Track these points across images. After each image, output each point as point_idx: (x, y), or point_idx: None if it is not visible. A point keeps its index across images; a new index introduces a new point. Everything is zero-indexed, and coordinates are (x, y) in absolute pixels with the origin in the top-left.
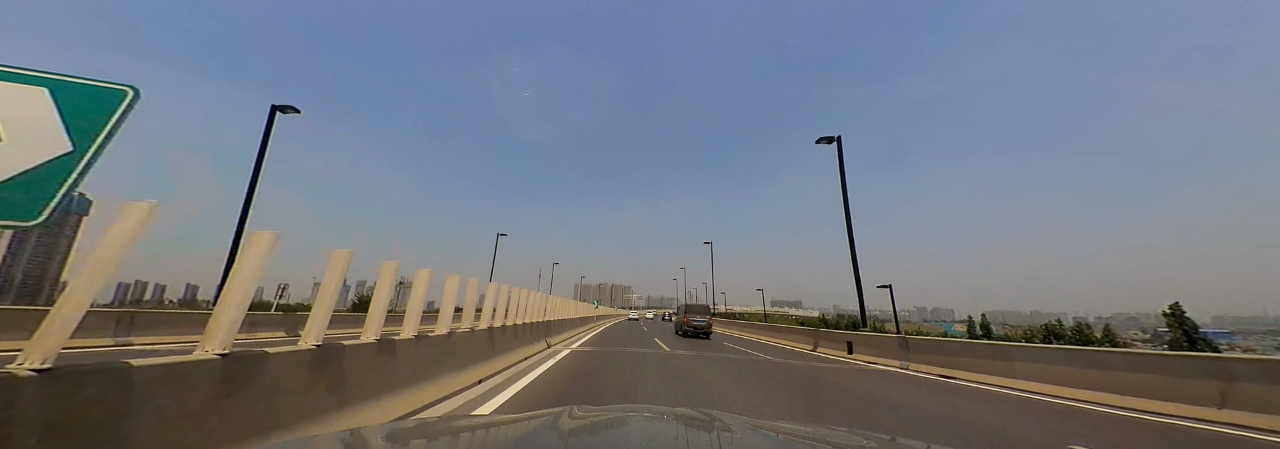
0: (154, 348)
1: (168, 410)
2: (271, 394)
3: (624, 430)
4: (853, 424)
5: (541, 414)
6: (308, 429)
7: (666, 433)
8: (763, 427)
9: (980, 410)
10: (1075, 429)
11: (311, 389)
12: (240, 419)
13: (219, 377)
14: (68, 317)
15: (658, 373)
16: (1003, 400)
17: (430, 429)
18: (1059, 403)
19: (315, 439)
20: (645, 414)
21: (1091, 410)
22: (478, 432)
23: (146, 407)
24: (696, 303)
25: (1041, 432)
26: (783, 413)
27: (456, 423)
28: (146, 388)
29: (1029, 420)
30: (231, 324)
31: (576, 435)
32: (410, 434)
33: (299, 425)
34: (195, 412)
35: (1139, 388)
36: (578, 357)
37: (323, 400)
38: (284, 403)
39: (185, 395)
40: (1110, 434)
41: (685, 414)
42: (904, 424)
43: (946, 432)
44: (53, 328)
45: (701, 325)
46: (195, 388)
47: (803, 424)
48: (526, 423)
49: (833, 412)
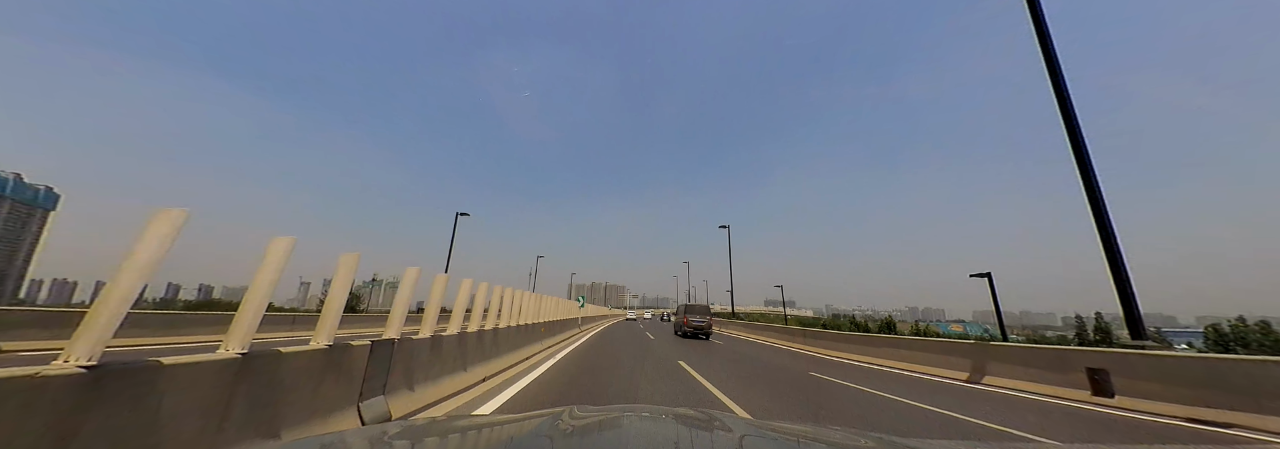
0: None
1: (194, 405)
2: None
3: (624, 430)
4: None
5: (542, 414)
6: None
7: (666, 433)
8: (763, 427)
9: (811, 365)
10: (846, 372)
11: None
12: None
13: (238, 373)
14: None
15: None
16: (834, 362)
17: (431, 429)
18: (869, 366)
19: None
20: (645, 414)
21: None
22: (479, 431)
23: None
24: (696, 303)
25: (823, 370)
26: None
27: (457, 423)
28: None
29: (829, 368)
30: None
31: (577, 435)
32: (411, 434)
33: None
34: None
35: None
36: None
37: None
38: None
39: (210, 391)
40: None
41: (685, 414)
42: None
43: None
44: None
45: (701, 326)
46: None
47: (802, 424)
48: (527, 423)
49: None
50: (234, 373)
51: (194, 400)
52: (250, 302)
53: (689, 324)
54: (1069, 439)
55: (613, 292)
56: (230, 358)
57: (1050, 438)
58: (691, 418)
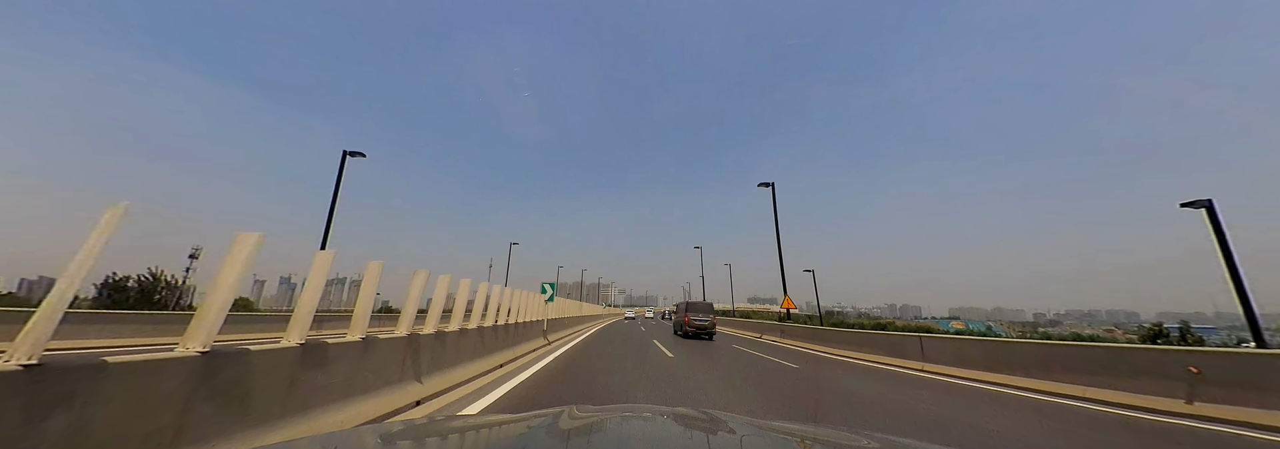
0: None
1: (145, 404)
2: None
3: (624, 430)
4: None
5: (541, 414)
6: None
7: (666, 433)
8: (763, 426)
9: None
10: (787, 357)
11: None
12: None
13: (199, 373)
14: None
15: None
16: (788, 349)
17: (430, 429)
18: (819, 353)
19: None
20: (645, 414)
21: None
22: (478, 431)
23: (124, 400)
24: (698, 301)
25: (779, 356)
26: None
27: (456, 423)
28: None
29: (782, 354)
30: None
31: (576, 435)
32: (410, 433)
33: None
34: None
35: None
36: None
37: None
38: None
39: (164, 390)
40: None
41: (685, 414)
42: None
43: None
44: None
45: (704, 325)
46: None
47: (803, 424)
48: (526, 423)
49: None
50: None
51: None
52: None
53: (690, 324)
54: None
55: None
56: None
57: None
58: (691, 418)
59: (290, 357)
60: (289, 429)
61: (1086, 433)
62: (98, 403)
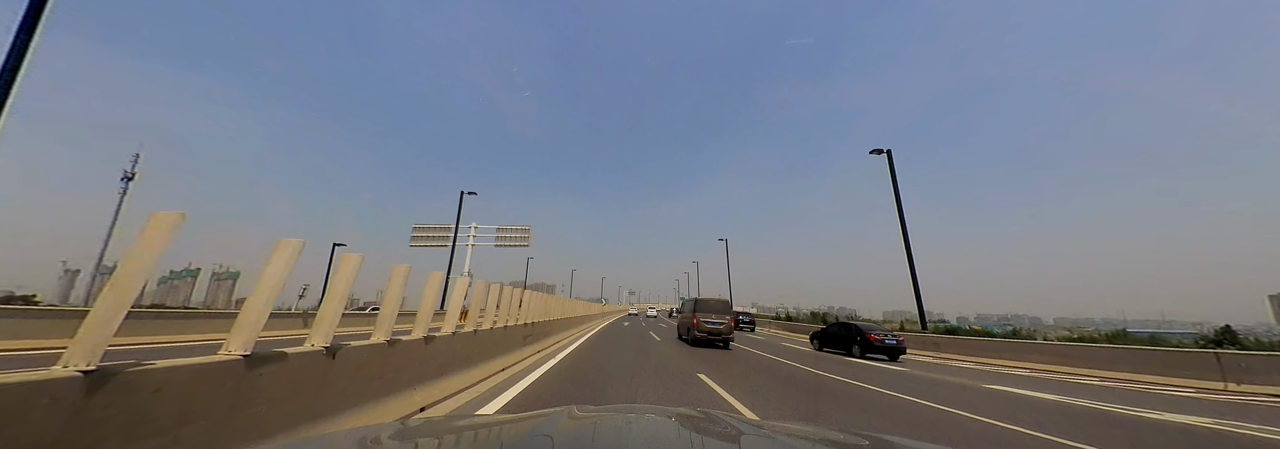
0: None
1: (192, 409)
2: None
3: (624, 430)
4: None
5: (542, 414)
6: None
7: (666, 433)
8: (763, 426)
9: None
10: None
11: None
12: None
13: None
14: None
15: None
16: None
17: (431, 429)
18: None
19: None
20: (645, 414)
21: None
22: (478, 431)
23: (174, 405)
24: (711, 298)
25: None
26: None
27: (457, 422)
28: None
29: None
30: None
31: (576, 435)
32: (411, 433)
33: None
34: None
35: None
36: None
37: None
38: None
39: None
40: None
41: (685, 414)
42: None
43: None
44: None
45: (719, 329)
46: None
47: (803, 424)
48: (527, 423)
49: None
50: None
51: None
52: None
53: (701, 327)
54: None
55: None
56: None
57: None
58: (691, 418)
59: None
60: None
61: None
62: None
